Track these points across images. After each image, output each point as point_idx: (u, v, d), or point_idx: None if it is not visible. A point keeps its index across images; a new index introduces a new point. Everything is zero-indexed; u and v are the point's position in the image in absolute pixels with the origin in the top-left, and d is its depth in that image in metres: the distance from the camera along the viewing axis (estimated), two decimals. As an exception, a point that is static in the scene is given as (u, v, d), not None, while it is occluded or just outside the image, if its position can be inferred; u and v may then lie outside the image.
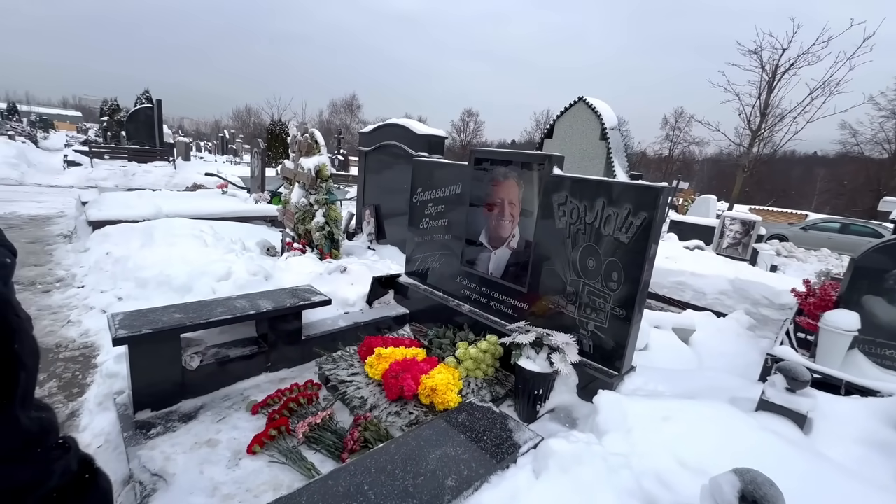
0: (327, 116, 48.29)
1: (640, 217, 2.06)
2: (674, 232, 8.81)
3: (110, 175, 11.31)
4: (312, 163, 4.37)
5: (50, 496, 0.58)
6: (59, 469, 0.60)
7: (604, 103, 4.59)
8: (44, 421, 0.60)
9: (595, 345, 2.30)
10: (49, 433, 0.61)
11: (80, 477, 0.62)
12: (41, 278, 4.15)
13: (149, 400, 2.16)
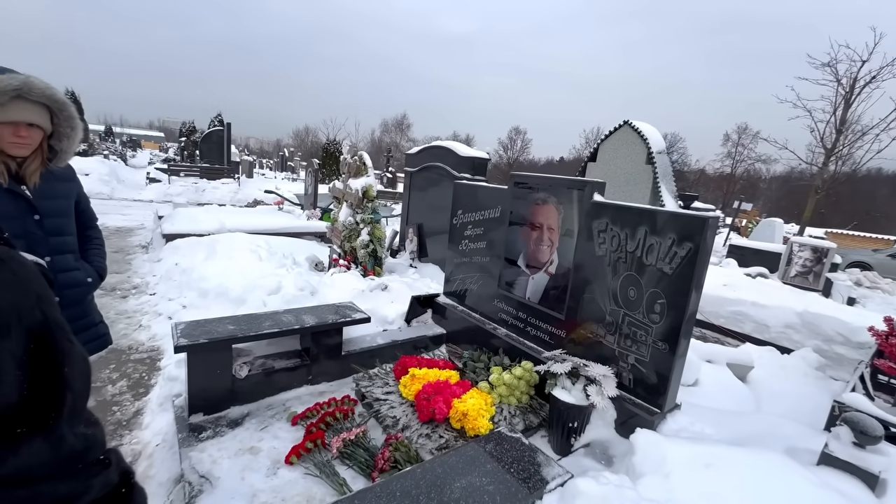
0: (378, 135, 50.38)
1: (684, 247, 1.97)
2: (733, 257, 8.22)
3: (184, 191, 12.46)
4: (360, 184, 4.59)
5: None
6: (98, 483, 0.65)
7: (650, 127, 4.45)
8: (89, 438, 0.65)
9: (635, 378, 2.21)
10: (92, 449, 0.66)
11: (118, 491, 0.68)
12: (120, 285, 4.63)
13: (202, 404, 2.33)
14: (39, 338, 0.59)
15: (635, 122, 4.45)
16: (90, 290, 1.73)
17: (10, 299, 0.57)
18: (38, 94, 1.35)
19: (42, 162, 1.48)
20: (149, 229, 7.43)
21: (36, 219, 1.48)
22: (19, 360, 0.57)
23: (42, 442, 0.58)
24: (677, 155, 38.09)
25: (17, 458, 0.56)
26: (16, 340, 0.56)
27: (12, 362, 0.56)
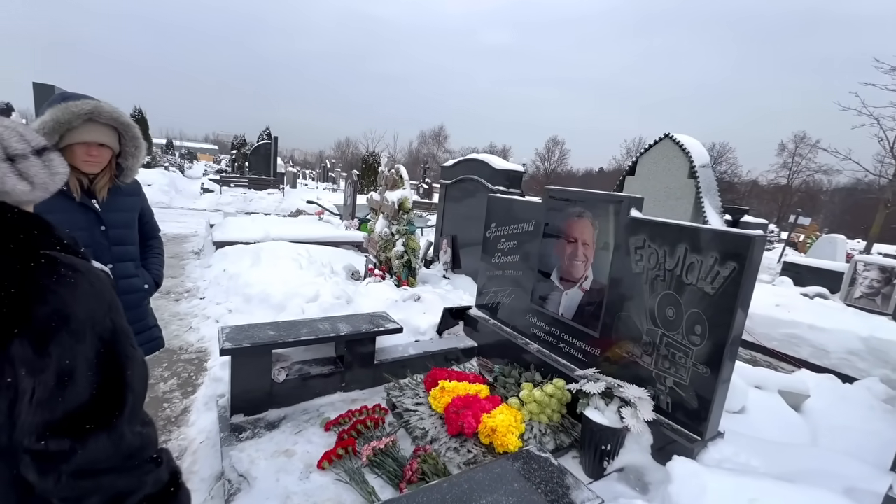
0: (416, 146, 51.45)
1: (727, 267, 1.88)
2: (788, 275, 7.67)
3: (234, 200, 13.23)
4: (396, 196, 4.71)
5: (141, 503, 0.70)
6: (151, 480, 0.71)
7: (693, 140, 4.27)
8: (144, 437, 0.72)
9: (674, 402, 2.11)
10: (147, 448, 0.72)
11: (168, 489, 0.74)
12: (174, 289, 4.97)
13: (243, 405, 2.46)
14: (108, 343, 0.67)
15: (677, 135, 4.29)
16: (147, 296, 1.88)
17: (87, 309, 0.64)
18: (106, 117, 1.51)
19: (110, 178, 1.64)
20: (201, 237, 7.94)
21: (102, 229, 1.64)
22: (91, 363, 0.64)
23: (106, 438, 0.65)
24: (726, 165, 36.25)
25: (84, 451, 0.63)
26: (89, 345, 0.64)
27: (85, 365, 0.64)
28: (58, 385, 0.61)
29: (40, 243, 0.65)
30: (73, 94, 1.50)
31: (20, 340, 0.58)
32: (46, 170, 0.68)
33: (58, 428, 0.62)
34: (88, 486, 0.65)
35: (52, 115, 1.39)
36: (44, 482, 0.62)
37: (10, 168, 0.64)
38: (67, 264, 0.65)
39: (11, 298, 0.59)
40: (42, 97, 8.30)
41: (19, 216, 0.65)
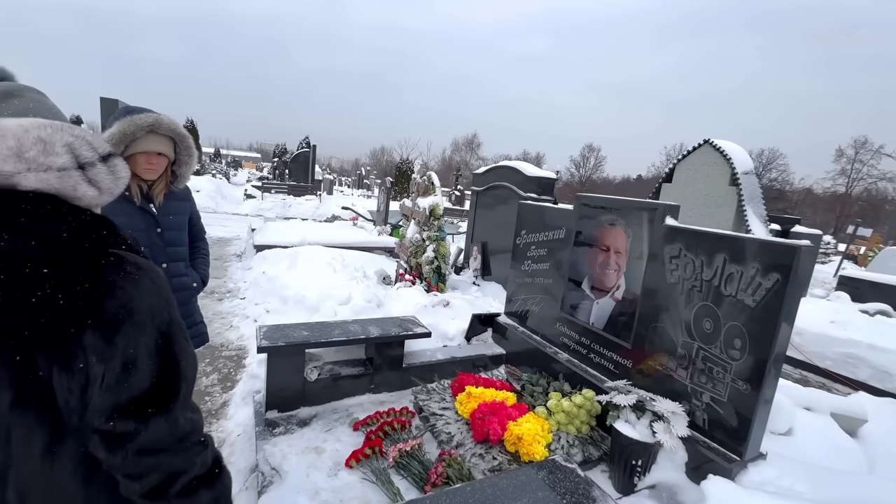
0: (449, 154, 51.89)
1: (770, 279, 1.79)
2: (845, 290, 7.12)
3: (274, 206, 13.84)
4: (427, 202, 4.78)
5: (190, 483, 0.76)
6: (200, 462, 0.78)
7: (735, 145, 4.07)
8: (194, 422, 0.79)
9: (711, 419, 2.01)
10: (195, 432, 0.79)
11: (212, 471, 0.80)
12: (218, 289, 5.25)
13: (277, 402, 2.56)
14: (165, 335, 0.74)
15: (717, 141, 4.10)
16: (195, 294, 2.02)
17: (148, 303, 0.71)
18: (165, 128, 1.65)
19: (166, 184, 1.78)
20: (243, 240, 8.35)
21: (158, 231, 1.78)
22: (151, 352, 0.72)
23: (164, 421, 0.73)
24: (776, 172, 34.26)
25: (146, 432, 0.71)
26: (150, 336, 0.71)
27: (146, 354, 0.71)
28: (123, 372, 0.68)
29: (109, 243, 0.72)
30: (136, 107, 1.65)
31: (92, 331, 0.65)
32: (111, 175, 0.75)
33: (124, 411, 0.68)
34: (149, 463, 0.72)
35: (118, 128, 1.54)
36: (112, 459, 0.69)
37: (81, 176, 0.71)
38: (132, 262, 0.71)
39: (85, 292, 0.65)
40: (108, 111, 9.06)
41: (91, 218, 0.72)
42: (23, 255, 0.64)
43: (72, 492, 0.69)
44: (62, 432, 0.67)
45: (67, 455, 0.68)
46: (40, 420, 0.65)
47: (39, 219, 0.66)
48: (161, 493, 0.73)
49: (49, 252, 0.65)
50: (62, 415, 0.66)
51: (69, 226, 0.68)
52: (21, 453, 0.65)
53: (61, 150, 0.70)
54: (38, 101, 1.35)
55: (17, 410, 0.63)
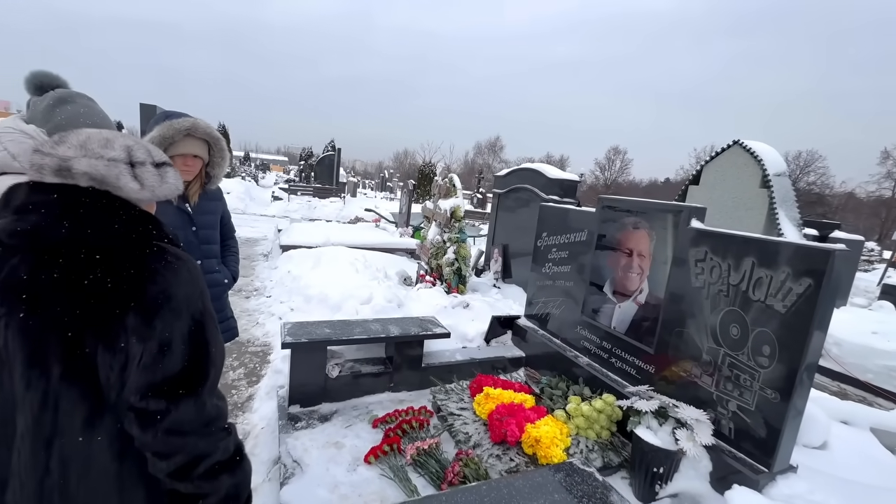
0: (472, 157, 51.90)
1: (801, 283, 1.72)
2: (889, 299, 6.72)
3: (299, 208, 14.18)
4: (449, 204, 4.81)
5: (213, 467, 0.81)
6: (223, 447, 0.83)
7: (767, 146, 3.91)
8: (220, 409, 0.84)
9: (737, 428, 1.95)
10: (220, 418, 0.84)
11: (234, 458, 0.85)
12: (245, 287, 5.43)
13: (299, 397, 2.63)
14: (198, 323, 0.80)
15: (747, 142, 3.95)
16: (227, 290, 2.10)
17: (185, 292, 0.77)
18: (201, 132, 1.73)
19: (201, 185, 1.87)
20: (270, 240, 8.59)
21: (193, 230, 1.87)
22: (184, 337, 0.77)
23: (192, 404, 0.78)
24: (814, 176, 32.68)
25: (176, 413, 0.76)
26: (184, 322, 0.77)
27: (180, 339, 0.76)
28: (159, 353, 0.74)
29: (153, 235, 0.79)
30: (174, 112, 1.74)
31: (134, 313, 0.71)
32: (158, 178, 0.82)
33: (157, 390, 0.74)
34: (177, 443, 0.77)
35: (158, 132, 1.63)
36: (144, 436, 0.75)
37: (128, 170, 0.78)
38: (173, 253, 0.78)
39: (130, 278, 0.72)
40: (147, 116, 9.53)
41: (139, 213, 0.79)
42: (80, 241, 0.71)
43: (106, 465, 0.75)
44: (101, 408, 0.73)
45: (104, 430, 0.74)
46: (83, 394, 0.71)
47: (96, 211, 0.74)
48: (185, 473, 0.78)
49: (102, 240, 0.73)
50: (103, 391, 0.72)
51: (120, 218, 0.75)
52: (66, 424, 0.71)
53: (118, 147, 0.78)
54: (88, 106, 1.45)
55: (65, 383, 0.70)
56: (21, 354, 0.69)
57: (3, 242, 0.72)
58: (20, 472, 0.71)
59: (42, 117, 1.40)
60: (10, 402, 0.71)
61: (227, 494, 0.83)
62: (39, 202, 0.72)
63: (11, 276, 0.70)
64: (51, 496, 0.71)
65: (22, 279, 0.69)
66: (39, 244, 0.71)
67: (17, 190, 0.75)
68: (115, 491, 0.76)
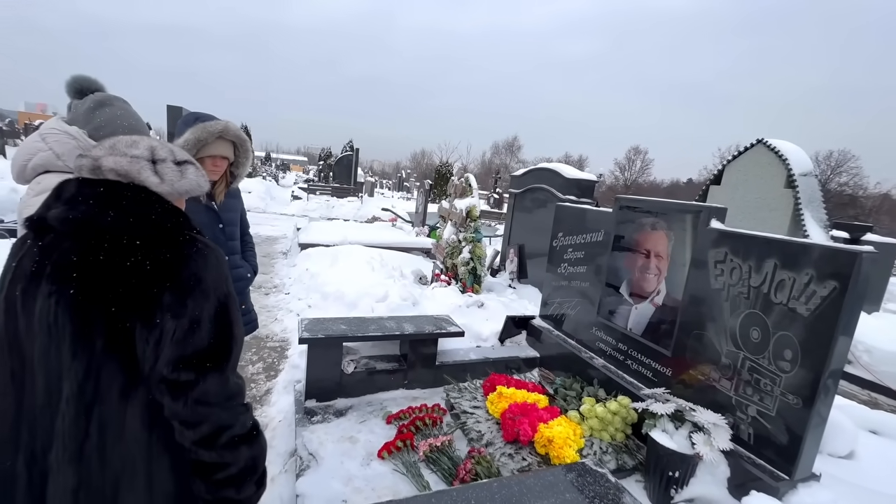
0: (489, 157, 51.72)
1: (826, 286, 1.67)
2: (926, 306, 6.40)
3: (318, 207, 14.41)
4: (464, 204, 4.82)
5: (233, 438, 0.88)
6: (242, 421, 0.90)
7: (792, 145, 3.77)
8: (240, 386, 0.92)
9: (757, 434, 1.90)
10: (240, 394, 0.92)
11: (251, 432, 0.92)
12: (264, 284, 5.55)
13: (316, 392, 2.68)
14: (223, 305, 0.87)
15: (772, 141, 3.82)
16: (249, 284, 2.17)
17: (212, 276, 0.85)
18: (232, 134, 1.79)
19: (226, 184, 1.93)
20: (289, 239, 8.76)
21: (220, 227, 1.93)
22: (211, 317, 0.85)
23: (217, 378, 0.85)
24: (847, 176, 31.36)
25: (204, 384, 0.83)
26: (211, 303, 0.85)
27: (208, 318, 0.84)
28: (190, 329, 0.81)
29: (185, 226, 0.87)
30: (204, 114, 1.80)
31: (169, 292, 0.79)
32: (178, 174, 0.90)
33: (187, 362, 0.81)
34: (203, 412, 0.84)
35: (193, 135, 1.68)
36: (175, 404, 0.82)
37: (149, 166, 0.86)
38: (202, 242, 0.87)
39: (167, 261, 0.80)
40: (174, 117, 9.84)
41: (171, 207, 0.87)
42: (122, 229, 0.80)
43: (137, 433, 0.82)
44: (136, 380, 0.80)
45: (138, 400, 0.81)
46: (122, 365, 0.79)
47: (135, 203, 0.82)
48: (210, 442, 0.85)
49: (141, 228, 0.81)
50: (138, 363, 0.79)
51: (156, 210, 0.84)
52: (105, 392, 0.78)
53: (143, 147, 0.87)
54: (124, 108, 1.54)
55: (106, 355, 0.78)
56: (69, 327, 0.76)
57: (56, 229, 0.80)
58: (63, 434, 0.78)
59: (83, 119, 1.48)
60: (57, 370, 0.78)
61: (246, 466, 0.90)
62: (88, 194, 0.81)
63: (63, 258, 0.78)
64: (89, 458, 0.78)
65: (72, 261, 0.77)
66: (87, 230, 0.79)
67: (68, 184, 0.84)
68: (145, 457, 0.83)
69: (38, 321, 0.78)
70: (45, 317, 0.77)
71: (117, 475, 0.80)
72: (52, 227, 0.80)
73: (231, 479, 0.88)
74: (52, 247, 0.79)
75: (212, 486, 0.87)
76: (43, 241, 0.80)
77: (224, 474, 0.87)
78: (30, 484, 0.79)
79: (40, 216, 0.82)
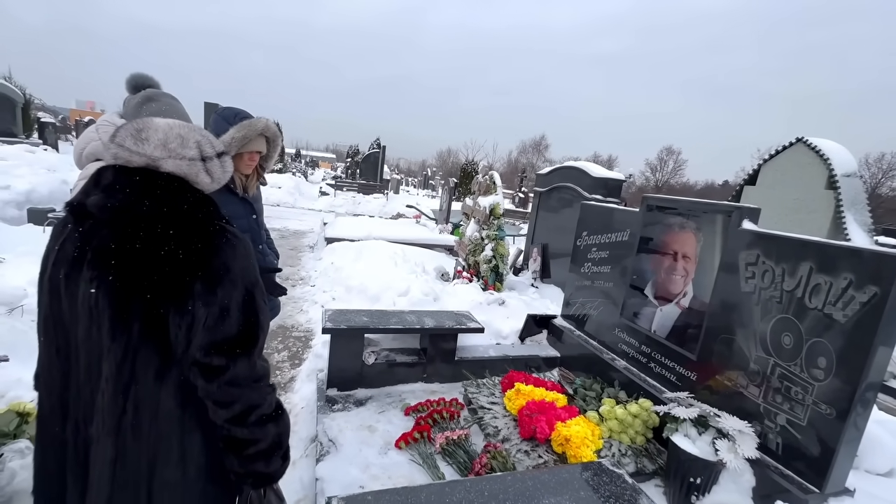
0: (515, 156, 51.23)
1: (866, 292, 1.59)
2: None
3: (345, 203, 14.67)
4: (488, 201, 4.81)
5: (261, 417, 0.93)
6: (269, 401, 0.95)
7: (835, 144, 3.55)
8: (266, 368, 0.97)
9: (785, 444, 1.83)
10: (266, 377, 0.97)
11: (276, 411, 0.97)
12: (291, 276, 5.72)
13: (337, 381, 2.75)
14: (250, 293, 0.92)
15: (812, 140, 3.62)
16: (277, 271, 2.25)
17: (240, 265, 0.89)
18: (271, 131, 1.87)
19: (258, 177, 2.01)
20: (316, 233, 8.98)
21: (254, 217, 2.02)
22: (239, 305, 0.89)
23: (246, 361, 0.90)
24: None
25: (234, 368, 0.88)
26: (239, 291, 0.89)
27: (236, 305, 0.88)
28: (220, 316, 0.85)
29: (215, 216, 0.91)
30: (243, 112, 1.88)
31: (200, 281, 0.82)
32: (221, 168, 0.95)
33: (218, 348, 0.86)
34: (235, 393, 0.89)
35: (239, 133, 1.76)
36: (209, 386, 0.86)
37: (202, 166, 0.90)
38: (231, 232, 0.90)
39: (199, 251, 0.83)
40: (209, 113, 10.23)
41: (203, 196, 0.91)
42: (157, 217, 0.84)
43: (170, 410, 0.87)
44: (170, 361, 0.85)
45: (171, 380, 0.86)
46: (157, 349, 0.83)
47: (170, 193, 0.85)
48: (241, 420, 0.90)
49: (175, 217, 0.85)
50: (172, 347, 0.84)
51: (188, 200, 0.87)
52: (141, 373, 0.83)
53: (192, 145, 0.90)
54: (170, 104, 1.63)
55: (143, 338, 0.82)
56: (109, 311, 0.80)
57: (95, 216, 0.84)
58: (103, 410, 0.83)
59: (132, 113, 1.58)
60: (98, 351, 0.83)
61: (273, 441, 0.95)
62: (125, 183, 0.84)
63: (102, 244, 0.82)
64: (126, 433, 0.84)
65: (111, 248, 0.81)
66: (124, 218, 0.82)
67: (105, 171, 0.87)
68: (178, 433, 0.88)
69: (80, 304, 0.82)
70: (87, 301, 0.81)
71: (152, 449, 0.85)
72: (91, 214, 0.84)
73: (261, 453, 0.93)
74: (92, 233, 0.83)
75: (244, 461, 0.92)
76: (83, 226, 0.84)
77: (255, 449, 0.92)
78: (76, 450, 0.86)
79: (80, 202, 0.85)
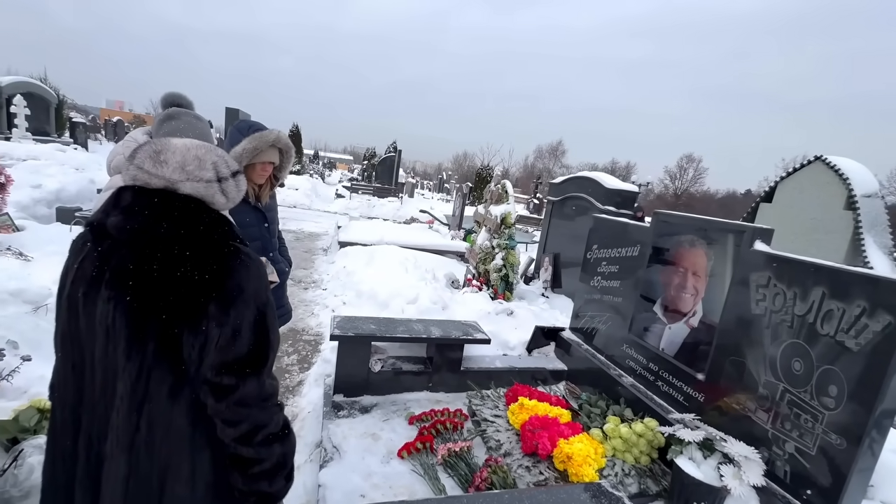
0: (532, 161, 50.99)
1: (880, 320, 1.55)
2: None
3: (359, 206, 14.82)
4: (500, 210, 4.81)
5: (268, 436, 0.94)
6: (276, 420, 0.96)
7: (855, 163, 3.44)
8: (274, 387, 0.98)
9: (794, 472, 1.79)
10: (274, 396, 0.98)
11: (283, 430, 0.98)
12: (304, 278, 5.81)
13: (343, 387, 2.79)
14: (262, 313, 0.93)
15: (832, 158, 3.52)
16: (287, 277, 2.31)
17: (253, 286, 0.91)
18: (282, 143, 1.92)
19: (271, 186, 2.07)
20: (330, 236, 9.10)
21: (266, 226, 2.07)
22: (251, 325, 0.90)
23: (256, 381, 0.91)
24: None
25: (244, 388, 0.89)
26: (251, 312, 0.90)
27: (248, 326, 0.90)
28: (232, 337, 0.86)
29: (230, 236, 0.92)
30: (257, 123, 1.94)
31: (214, 303, 0.84)
32: (236, 188, 0.97)
33: (229, 368, 0.87)
34: (243, 413, 0.90)
35: (250, 144, 1.82)
36: (218, 405, 0.88)
37: (218, 187, 0.92)
38: (245, 253, 0.91)
39: (213, 272, 0.85)
40: (231, 118, 10.51)
41: (218, 217, 0.93)
42: (174, 239, 0.86)
43: (182, 428, 0.89)
44: (183, 381, 0.87)
45: (184, 399, 0.88)
46: (170, 367, 0.85)
47: (187, 215, 0.87)
48: (248, 439, 0.92)
49: (191, 239, 0.87)
50: (185, 366, 0.86)
51: (205, 221, 0.89)
52: (155, 392, 0.85)
53: (209, 167, 0.92)
54: (189, 122, 1.67)
55: (157, 358, 0.84)
56: (125, 331, 0.83)
57: (114, 237, 0.86)
58: (117, 427, 0.86)
59: (155, 129, 1.66)
60: (113, 369, 0.85)
61: (278, 462, 0.96)
62: (144, 204, 0.86)
63: (121, 265, 0.84)
64: (139, 450, 0.86)
65: (129, 269, 0.83)
66: (143, 239, 0.85)
67: (125, 192, 0.89)
68: (188, 451, 0.90)
69: (98, 323, 0.84)
70: (104, 320, 0.83)
71: (164, 466, 0.87)
72: (109, 234, 0.86)
73: (264, 473, 0.94)
74: (111, 253, 0.85)
75: (248, 479, 0.94)
76: (102, 246, 0.86)
77: (259, 469, 0.93)
78: (87, 464, 0.88)
79: (100, 222, 0.88)
